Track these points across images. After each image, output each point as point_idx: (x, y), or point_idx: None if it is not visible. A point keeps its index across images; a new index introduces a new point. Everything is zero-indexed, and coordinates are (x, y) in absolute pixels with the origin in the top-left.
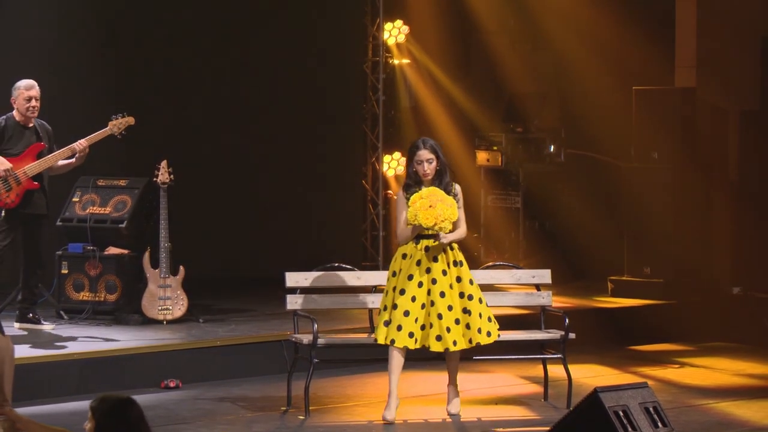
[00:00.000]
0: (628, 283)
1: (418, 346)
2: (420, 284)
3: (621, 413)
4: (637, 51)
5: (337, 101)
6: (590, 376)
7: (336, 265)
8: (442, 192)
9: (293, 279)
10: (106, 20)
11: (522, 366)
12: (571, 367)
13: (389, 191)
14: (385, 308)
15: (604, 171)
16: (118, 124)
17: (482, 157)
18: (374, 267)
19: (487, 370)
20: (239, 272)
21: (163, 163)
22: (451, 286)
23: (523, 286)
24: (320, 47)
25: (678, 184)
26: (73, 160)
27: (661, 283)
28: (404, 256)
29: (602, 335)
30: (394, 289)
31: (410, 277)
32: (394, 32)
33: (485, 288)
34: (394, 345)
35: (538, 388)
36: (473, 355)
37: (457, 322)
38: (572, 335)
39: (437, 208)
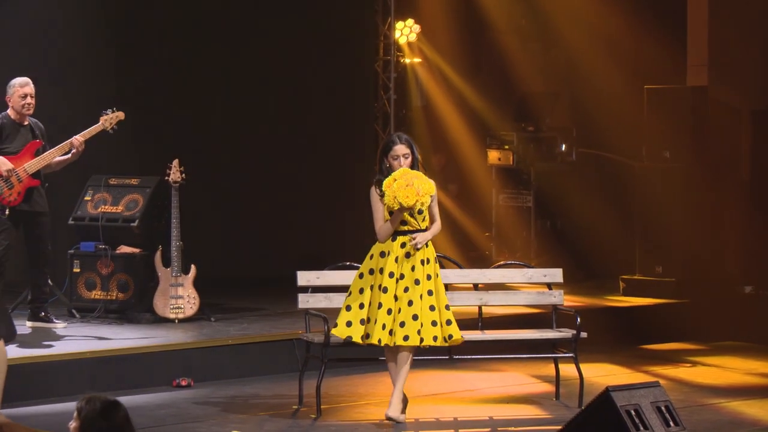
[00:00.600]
0: (639, 282)
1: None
2: (397, 280)
3: (633, 412)
4: (648, 50)
5: (349, 100)
6: (602, 375)
7: (347, 263)
8: (413, 170)
9: (305, 278)
10: (116, 17)
11: (534, 365)
12: (583, 366)
13: None
14: (362, 306)
15: (615, 170)
16: (109, 119)
17: (494, 156)
18: None
19: (499, 369)
20: (251, 271)
21: (175, 162)
22: (417, 282)
23: (535, 285)
24: (332, 46)
25: (689, 183)
26: (69, 156)
27: (673, 282)
28: (382, 254)
29: (614, 334)
30: (373, 287)
31: (391, 275)
32: (406, 31)
33: (497, 287)
34: (382, 343)
35: (549, 387)
36: (485, 354)
37: (414, 317)
38: (584, 334)
39: (414, 185)
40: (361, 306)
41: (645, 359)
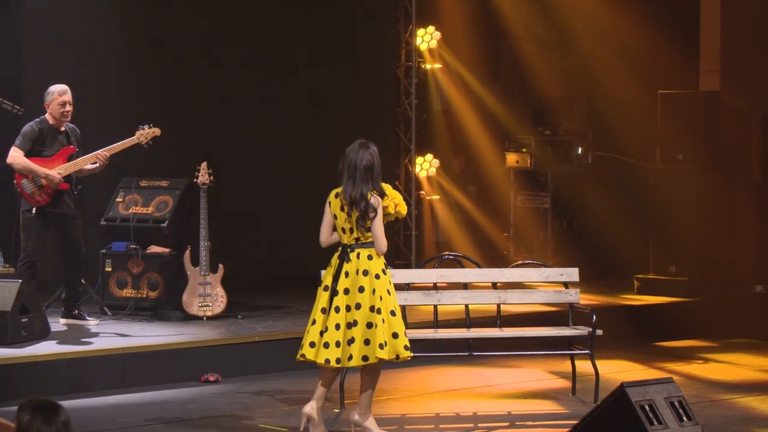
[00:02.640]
0: (653, 281)
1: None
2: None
3: (647, 407)
4: (662, 56)
5: (371, 105)
6: (617, 371)
7: None
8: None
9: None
10: (144, 22)
11: (550, 361)
12: (599, 363)
13: (422, 192)
14: (349, 326)
15: (630, 172)
16: (144, 134)
17: (512, 158)
18: (407, 265)
19: (517, 365)
20: (277, 270)
21: (203, 165)
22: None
23: (552, 284)
24: (356, 53)
25: (702, 185)
26: (97, 165)
27: (686, 281)
28: (384, 271)
29: (628, 332)
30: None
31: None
32: (427, 38)
33: (515, 286)
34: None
35: (566, 383)
36: (503, 351)
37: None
38: (599, 332)
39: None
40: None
41: (659, 356)
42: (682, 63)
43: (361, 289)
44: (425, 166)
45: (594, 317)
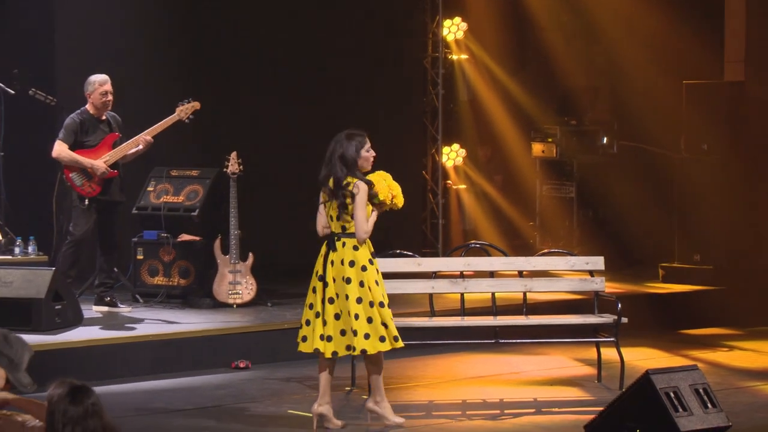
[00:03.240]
0: (678, 269)
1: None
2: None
3: (672, 394)
4: (687, 46)
5: (399, 95)
6: (642, 358)
7: (397, 251)
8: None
9: None
10: (178, 13)
11: (576, 349)
12: (624, 350)
13: (448, 181)
14: (337, 317)
15: (655, 162)
16: (185, 109)
17: (538, 148)
18: (434, 254)
19: (543, 352)
20: (305, 258)
21: (233, 155)
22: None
23: (578, 272)
24: (383, 44)
25: (727, 175)
26: (141, 147)
27: (711, 269)
28: (371, 261)
29: (654, 320)
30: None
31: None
32: (453, 29)
33: (541, 274)
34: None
35: (592, 370)
36: (529, 338)
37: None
38: (625, 319)
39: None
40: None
41: (683, 344)
42: (707, 53)
43: (348, 280)
44: (452, 155)
45: (619, 305)
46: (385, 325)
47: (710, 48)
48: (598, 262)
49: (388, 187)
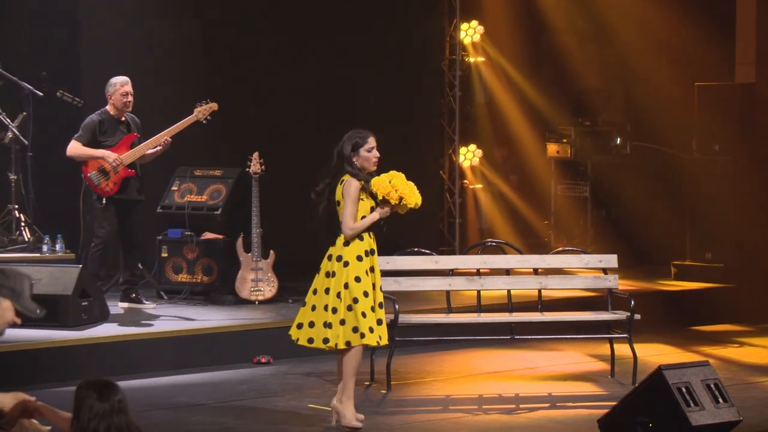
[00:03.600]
0: (690, 267)
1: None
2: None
3: (684, 389)
4: (698, 49)
5: (417, 97)
6: (654, 354)
7: (415, 249)
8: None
9: None
10: (198, 16)
11: (590, 345)
12: (637, 346)
13: (465, 181)
14: (372, 309)
15: (667, 162)
16: (203, 110)
17: (552, 149)
18: (451, 252)
19: (558, 348)
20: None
21: (255, 155)
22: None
23: (591, 269)
24: (402, 46)
25: (737, 175)
26: (158, 149)
27: (722, 267)
28: (367, 253)
29: (666, 316)
30: (373, 288)
31: (372, 269)
32: (470, 32)
33: (556, 272)
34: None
35: (605, 366)
36: (544, 335)
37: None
38: (637, 316)
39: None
40: (372, 309)
41: (695, 340)
42: (718, 55)
43: (333, 274)
44: (468, 156)
45: (632, 302)
46: (355, 328)
47: (721, 50)
48: (611, 260)
49: (392, 187)
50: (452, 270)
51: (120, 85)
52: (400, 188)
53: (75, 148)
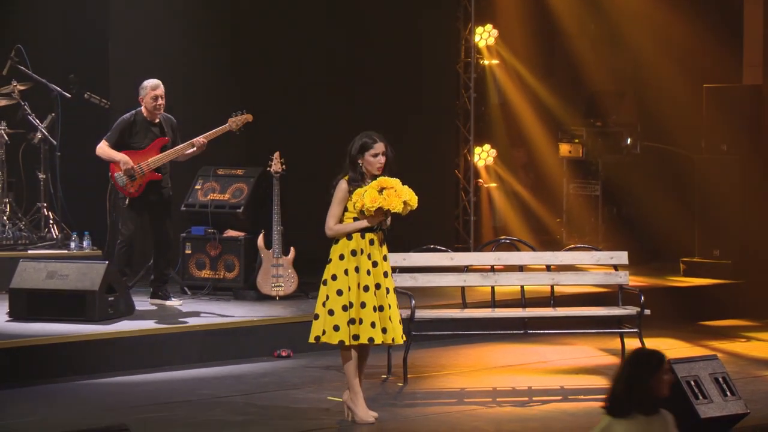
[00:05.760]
0: (698, 264)
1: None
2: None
3: (693, 383)
4: (707, 51)
5: (433, 98)
6: (664, 348)
7: (431, 246)
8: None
9: (392, 259)
10: (225, 21)
11: (601, 339)
12: (647, 341)
13: (480, 180)
14: (345, 308)
15: (676, 162)
16: (237, 121)
17: (565, 149)
18: (466, 249)
19: (569, 342)
20: None
21: (276, 154)
22: (383, 277)
23: (602, 266)
24: (419, 49)
25: (745, 174)
26: (194, 150)
27: (730, 264)
28: (353, 252)
29: (675, 312)
30: (351, 288)
31: (368, 272)
32: (485, 35)
33: (568, 268)
34: (374, 342)
35: (616, 360)
36: (556, 329)
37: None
38: (647, 311)
39: (400, 189)
40: (344, 308)
41: (703, 335)
42: (726, 58)
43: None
44: (483, 156)
45: (642, 298)
46: (338, 327)
47: (730, 53)
48: (622, 257)
49: (367, 196)
50: (467, 266)
51: (151, 88)
52: (374, 201)
53: (101, 148)
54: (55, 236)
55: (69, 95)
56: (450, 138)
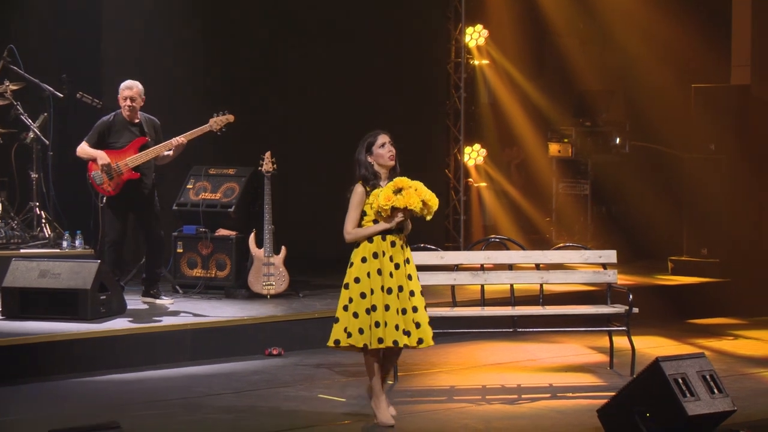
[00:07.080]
0: (686, 262)
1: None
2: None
3: (680, 380)
4: (695, 52)
5: (423, 98)
6: (652, 346)
7: (421, 245)
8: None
9: None
10: (215, 21)
11: (589, 337)
12: (635, 339)
13: (470, 179)
14: (368, 311)
15: (665, 161)
16: (218, 121)
17: (554, 148)
18: (456, 247)
19: (558, 340)
20: (336, 252)
21: (267, 154)
22: (406, 281)
23: (591, 265)
24: (409, 50)
25: (733, 173)
26: (171, 153)
27: (717, 262)
28: (375, 254)
29: (663, 310)
30: (374, 291)
31: (390, 275)
32: (475, 36)
33: (557, 267)
34: (398, 345)
35: (604, 358)
36: (545, 327)
37: (415, 323)
38: (636, 310)
39: (420, 189)
40: (368, 311)
41: (691, 333)
42: (714, 58)
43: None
44: (473, 155)
45: (631, 296)
46: (347, 332)
47: (718, 53)
48: (610, 256)
49: (382, 195)
50: (457, 265)
51: (120, 90)
52: (398, 201)
53: (80, 147)
54: (47, 235)
55: (61, 95)
56: (440, 137)
